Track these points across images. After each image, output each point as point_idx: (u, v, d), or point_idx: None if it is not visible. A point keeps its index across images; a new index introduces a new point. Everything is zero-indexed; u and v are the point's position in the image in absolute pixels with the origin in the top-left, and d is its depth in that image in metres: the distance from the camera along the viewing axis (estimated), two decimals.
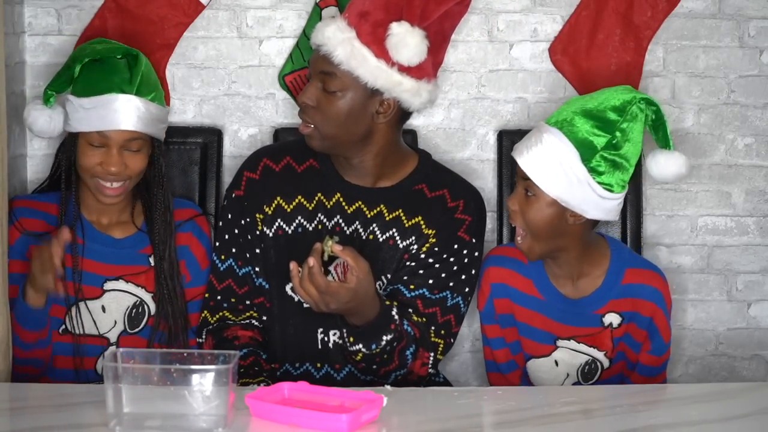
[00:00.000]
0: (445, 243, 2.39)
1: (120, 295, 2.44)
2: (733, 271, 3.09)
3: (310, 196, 2.38)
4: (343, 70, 2.27)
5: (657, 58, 3.02)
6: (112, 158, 2.37)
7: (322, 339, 2.36)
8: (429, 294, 2.36)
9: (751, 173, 3.07)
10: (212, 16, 2.97)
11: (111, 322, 2.44)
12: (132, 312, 2.44)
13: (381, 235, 2.37)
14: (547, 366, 2.45)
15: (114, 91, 2.38)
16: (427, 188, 2.42)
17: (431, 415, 1.96)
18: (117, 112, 2.36)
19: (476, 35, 3.01)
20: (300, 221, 2.37)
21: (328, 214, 2.36)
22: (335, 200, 2.37)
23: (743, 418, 1.96)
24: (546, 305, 2.42)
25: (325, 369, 2.37)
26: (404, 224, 2.38)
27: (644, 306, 2.39)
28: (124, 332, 2.44)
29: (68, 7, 2.93)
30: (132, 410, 1.79)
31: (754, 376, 3.10)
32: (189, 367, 1.83)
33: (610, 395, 2.10)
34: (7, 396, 2.06)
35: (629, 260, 2.44)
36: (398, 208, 2.38)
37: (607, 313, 2.40)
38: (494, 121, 3.04)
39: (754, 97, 3.05)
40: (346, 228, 2.36)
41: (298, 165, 2.41)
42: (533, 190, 2.29)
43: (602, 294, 2.40)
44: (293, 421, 1.84)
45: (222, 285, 2.42)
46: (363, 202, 2.37)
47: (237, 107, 3.01)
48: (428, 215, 2.39)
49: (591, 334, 2.40)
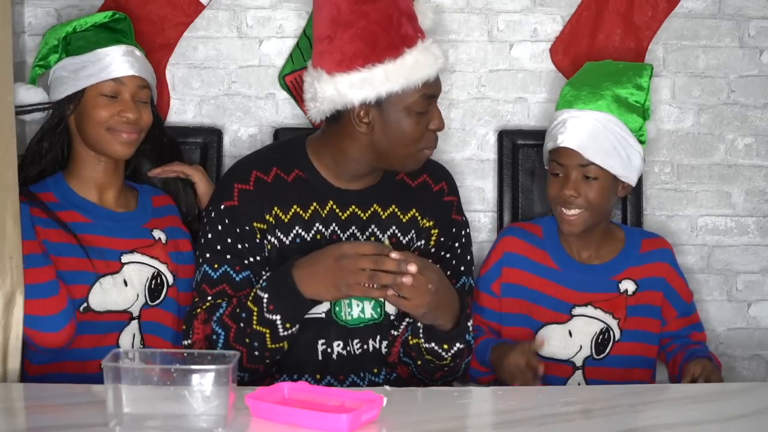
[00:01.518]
0: (446, 231, 2.41)
1: (139, 267, 2.43)
2: (733, 271, 3.10)
3: (305, 206, 2.33)
4: None
5: (657, 58, 3.02)
6: (129, 105, 2.42)
7: (324, 350, 2.31)
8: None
9: (751, 173, 3.07)
10: (212, 16, 2.97)
11: (134, 296, 2.41)
12: (152, 283, 2.43)
13: (382, 235, 2.36)
14: (560, 334, 2.49)
15: (118, 43, 2.45)
16: (407, 177, 2.41)
17: (431, 415, 1.96)
18: (126, 61, 2.43)
19: (476, 35, 3.01)
20: (298, 231, 2.32)
21: (324, 222, 2.33)
22: (329, 208, 2.34)
23: (743, 418, 1.96)
24: (562, 275, 2.52)
25: (327, 380, 2.34)
26: (402, 219, 2.38)
27: (657, 268, 2.54)
28: (145, 305, 2.42)
29: (68, 7, 2.94)
30: (132, 410, 1.79)
31: (754, 376, 3.10)
32: (189, 367, 1.83)
33: (610, 395, 2.10)
34: (7, 396, 2.06)
35: (641, 233, 2.66)
36: (391, 205, 2.38)
37: (624, 280, 2.51)
38: (494, 121, 3.04)
39: (754, 97, 3.05)
40: (342, 233, 2.34)
41: (286, 175, 2.35)
42: (593, 173, 2.45)
43: (620, 261, 2.54)
44: (293, 421, 1.84)
45: (215, 289, 2.30)
46: (356, 206, 2.35)
47: (237, 107, 3.01)
48: (421, 206, 2.40)
49: (607, 299, 2.50)
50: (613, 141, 2.45)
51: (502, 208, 2.93)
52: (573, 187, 2.45)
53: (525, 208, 2.90)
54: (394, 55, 2.22)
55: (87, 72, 2.42)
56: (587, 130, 2.45)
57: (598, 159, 2.44)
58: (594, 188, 2.45)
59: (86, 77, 2.42)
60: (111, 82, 2.41)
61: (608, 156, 2.44)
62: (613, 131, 2.46)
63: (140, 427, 1.79)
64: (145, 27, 2.90)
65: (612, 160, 2.45)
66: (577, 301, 2.50)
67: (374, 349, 2.33)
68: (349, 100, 2.22)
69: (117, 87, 2.42)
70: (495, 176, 3.02)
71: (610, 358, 2.50)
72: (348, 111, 2.25)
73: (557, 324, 2.50)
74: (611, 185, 2.48)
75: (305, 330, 2.28)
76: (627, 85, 2.51)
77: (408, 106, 2.23)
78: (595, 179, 2.45)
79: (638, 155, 2.49)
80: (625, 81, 2.51)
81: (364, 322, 2.32)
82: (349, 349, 2.31)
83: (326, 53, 2.25)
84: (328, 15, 2.25)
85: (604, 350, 2.50)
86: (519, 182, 2.91)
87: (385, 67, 2.21)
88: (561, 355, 2.50)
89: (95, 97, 2.41)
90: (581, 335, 2.49)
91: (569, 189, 2.45)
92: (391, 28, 2.23)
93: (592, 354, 2.50)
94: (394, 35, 2.23)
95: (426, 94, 2.24)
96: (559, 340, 2.50)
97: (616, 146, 2.45)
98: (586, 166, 2.44)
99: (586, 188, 2.45)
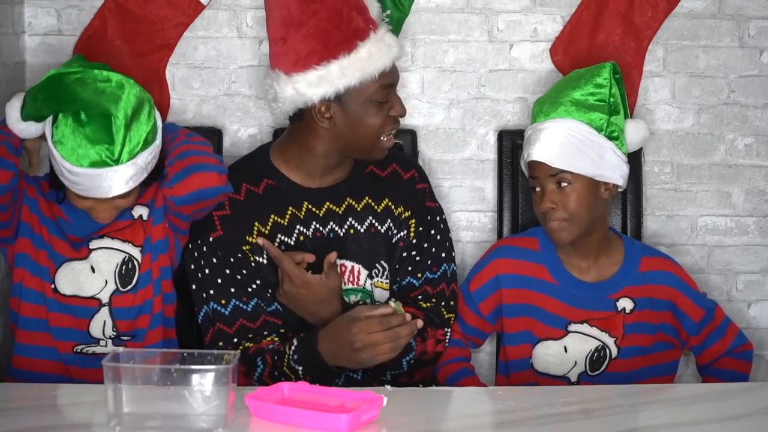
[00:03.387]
0: (422, 220, 2.44)
1: (108, 253, 2.39)
2: (733, 271, 3.09)
3: (282, 212, 2.35)
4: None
5: (657, 58, 3.02)
6: (103, 212, 2.32)
7: None
8: (432, 275, 2.43)
9: (751, 173, 3.07)
10: (212, 16, 2.97)
11: (101, 282, 2.38)
12: (122, 269, 2.39)
13: (360, 226, 2.39)
14: (555, 350, 2.47)
15: (99, 167, 2.22)
16: (376, 168, 2.44)
17: (431, 415, 1.96)
18: (104, 184, 2.24)
19: (476, 35, 3.01)
20: (281, 239, 2.34)
21: (304, 223, 2.36)
22: (305, 209, 2.36)
23: (743, 418, 1.96)
24: (559, 290, 2.48)
25: None
26: (376, 210, 2.41)
27: (660, 291, 2.48)
28: (116, 291, 2.39)
29: (68, 7, 2.93)
30: (132, 410, 1.79)
31: (754, 376, 3.10)
32: (189, 367, 1.83)
33: (610, 395, 2.10)
34: (8, 396, 2.05)
35: (643, 249, 2.56)
36: (364, 197, 2.40)
37: (621, 298, 2.47)
38: (494, 121, 3.04)
39: (754, 97, 3.05)
40: (323, 230, 2.36)
41: (256, 188, 2.36)
42: (566, 179, 2.40)
43: (618, 279, 2.49)
44: (293, 421, 1.84)
45: (234, 327, 2.31)
46: (330, 202, 2.38)
47: (237, 107, 3.01)
48: (393, 195, 2.43)
49: (604, 318, 2.47)
50: (576, 143, 2.40)
51: (502, 208, 2.93)
52: (549, 200, 2.41)
53: (525, 208, 2.90)
54: (348, 49, 2.25)
55: (65, 177, 2.26)
56: (549, 139, 2.41)
57: (564, 164, 2.39)
58: (570, 196, 2.40)
59: (64, 178, 2.26)
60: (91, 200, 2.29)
61: (575, 159, 2.39)
62: (576, 133, 2.40)
63: (140, 427, 1.79)
64: (145, 27, 2.90)
65: (580, 162, 2.39)
66: (573, 318, 2.47)
67: None
68: (309, 98, 2.26)
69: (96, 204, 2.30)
70: (495, 176, 3.01)
71: (605, 375, 2.48)
72: (309, 109, 2.28)
73: (553, 340, 2.48)
74: (589, 189, 2.41)
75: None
76: (585, 86, 2.46)
77: (368, 98, 2.27)
78: (570, 185, 2.40)
79: (611, 152, 2.42)
80: (582, 83, 2.46)
81: None
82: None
83: (281, 54, 2.29)
84: (279, 17, 2.28)
85: (599, 367, 2.48)
86: (519, 182, 2.90)
87: (340, 63, 2.24)
88: (556, 371, 2.48)
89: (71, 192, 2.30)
90: (576, 352, 2.47)
91: (546, 202, 2.41)
92: (341, 23, 2.25)
93: (587, 370, 2.48)
94: (346, 30, 2.25)
95: (384, 84, 2.28)
96: (555, 356, 2.48)
97: (581, 147, 2.40)
98: (557, 174, 2.40)
99: (562, 197, 2.40)
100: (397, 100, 2.33)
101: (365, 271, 2.40)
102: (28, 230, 2.37)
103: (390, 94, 2.31)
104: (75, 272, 2.38)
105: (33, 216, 2.37)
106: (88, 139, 2.21)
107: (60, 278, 2.37)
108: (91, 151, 2.21)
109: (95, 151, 2.21)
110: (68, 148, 2.22)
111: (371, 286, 2.40)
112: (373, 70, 2.25)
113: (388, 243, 2.41)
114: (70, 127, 2.22)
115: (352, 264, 2.39)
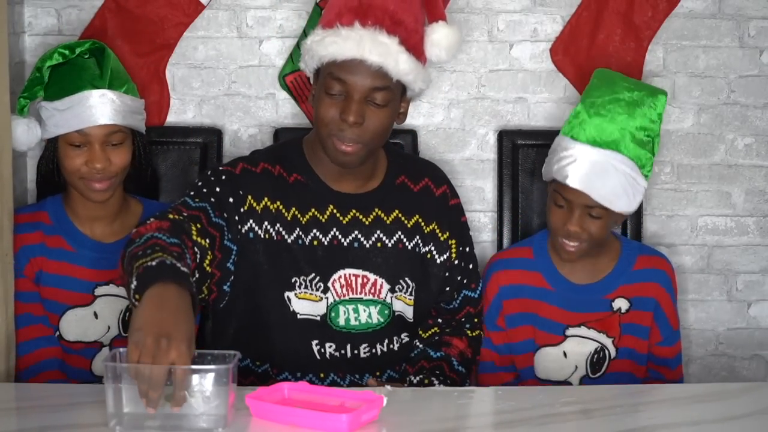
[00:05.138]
0: (460, 239, 2.43)
1: (112, 300, 2.42)
2: (733, 271, 3.10)
3: (304, 209, 2.28)
4: (395, 82, 2.20)
5: (657, 58, 3.02)
6: (96, 155, 2.37)
7: (319, 350, 2.28)
8: (470, 293, 2.44)
9: (751, 173, 3.07)
10: (212, 16, 2.97)
11: (104, 328, 2.42)
12: (126, 316, 2.42)
13: (388, 241, 2.34)
14: (555, 356, 2.48)
15: (86, 88, 2.38)
16: (408, 180, 2.39)
17: (431, 415, 1.96)
18: (93, 108, 2.36)
19: (476, 35, 3.01)
20: (299, 233, 2.27)
21: (323, 228, 2.28)
22: (329, 213, 2.30)
23: (743, 418, 1.96)
24: (555, 295, 2.48)
25: (331, 377, 2.32)
26: (406, 225, 2.36)
27: (650, 288, 2.49)
28: (118, 336, 2.43)
29: (68, 7, 2.94)
30: (132, 410, 1.79)
31: (754, 376, 3.10)
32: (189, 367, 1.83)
33: (610, 395, 2.10)
34: (8, 396, 2.06)
35: (639, 248, 2.57)
36: (394, 209, 2.35)
37: (617, 298, 2.48)
38: (494, 121, 3.04)
39: (754, 97, 3.05)
40: (343, 239, 2.30)
41: (288, 176, 2.31)
42: (597, 213, 2.39)
43: (613, 279, 2.49)
44: (293, 421, 1.84)
45: (191, 212, 2.15)
46: (357, 210, 2.32)
47: (237, 107, 3.01)
48: (425, 212, 2.38)
49: (600, 319, 2.47)
50: (623, 182, 2.37)
51: (502, 208, 2.93)
52: (578, 224, 2.39)
53: (525, 208, 2.90)
54: (330, 26, 2.22)
55: (55, 121, 2.38)
56: (597, 171, 2.36)
57: (606, 202, 2.37)
58: (597, 225, 2.39)
59: (55, 126, 2.39)
60: (76, 133, 2.37)
61: (616, 197, 2.37)
62: (624, 172, 2.37)
63: (140, 427, 1.79)
64: (145, 27, 2.90)
65: (619, 201, 2.38)
66: (571, 322, 2.48)
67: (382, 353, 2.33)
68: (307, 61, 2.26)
69: (84, 137, 2.38)
70: (495, 176, 3.01)
71: (606, 377, 2.48)
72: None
73: (552, 346, 2.48)
74: (613, 219, 2.43)
75: (301, 329, 2.28)
76: (641, 119, 2.40)
77: (322, 83, 2.22)
78: (599, 218, 2.39)
79: (642, 192, 2.42)
80: (638, 115, 2.40)
81: (372, 327, 2.31)
82: (343, 351, 2.29)
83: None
84: None
85: (600, 369, 2.49)
86: (519, 182, 2.91)
87: (324, 33, 2.22)
88: (557, 376, 2.49)
89: (65, 147, 2.39)
90: (576, 356, 2.48)
91: (573, 225, 2.39)
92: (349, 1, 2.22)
93: (588, 373, 2.49)
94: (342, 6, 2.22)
95: (333, 74, 2.19)
96: (555, 361, 2.48)
97: (626, 187, 2.37)
98: (593, 207, 2.38)
99: (589, 224, 2.39)
100: (353, 107, 2.17)
101: (388, 285, 2.32)
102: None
103: (347, 94, 2.19)
104: (78, 318, 2.41)
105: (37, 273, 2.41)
106: (75, 71, 2.40)
107: (64, 325, 2.41)
108: (77, 79, 2.39)
109: (81, 77, 2.39)
110: (56, 86, 2.39)
111: (392, 299, 2.33)
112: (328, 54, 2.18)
113: (414, 259, 2.36)
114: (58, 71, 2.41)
115: (375, 277, 2.31)
